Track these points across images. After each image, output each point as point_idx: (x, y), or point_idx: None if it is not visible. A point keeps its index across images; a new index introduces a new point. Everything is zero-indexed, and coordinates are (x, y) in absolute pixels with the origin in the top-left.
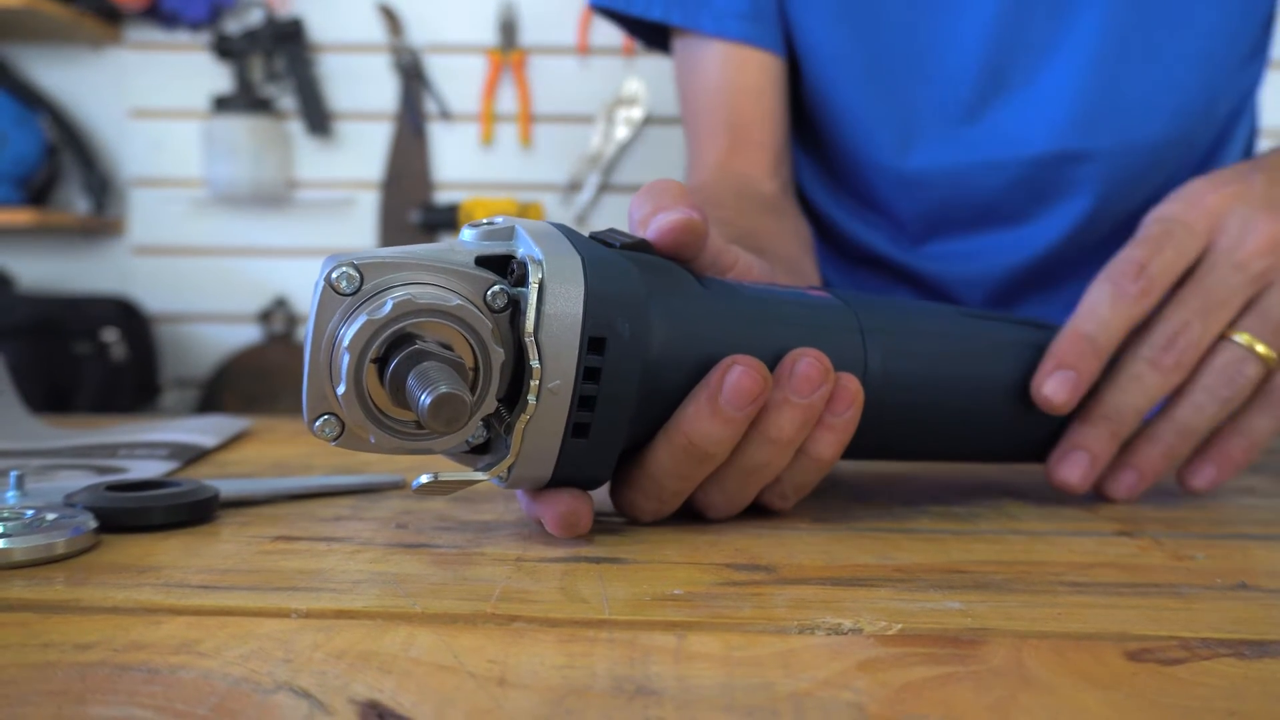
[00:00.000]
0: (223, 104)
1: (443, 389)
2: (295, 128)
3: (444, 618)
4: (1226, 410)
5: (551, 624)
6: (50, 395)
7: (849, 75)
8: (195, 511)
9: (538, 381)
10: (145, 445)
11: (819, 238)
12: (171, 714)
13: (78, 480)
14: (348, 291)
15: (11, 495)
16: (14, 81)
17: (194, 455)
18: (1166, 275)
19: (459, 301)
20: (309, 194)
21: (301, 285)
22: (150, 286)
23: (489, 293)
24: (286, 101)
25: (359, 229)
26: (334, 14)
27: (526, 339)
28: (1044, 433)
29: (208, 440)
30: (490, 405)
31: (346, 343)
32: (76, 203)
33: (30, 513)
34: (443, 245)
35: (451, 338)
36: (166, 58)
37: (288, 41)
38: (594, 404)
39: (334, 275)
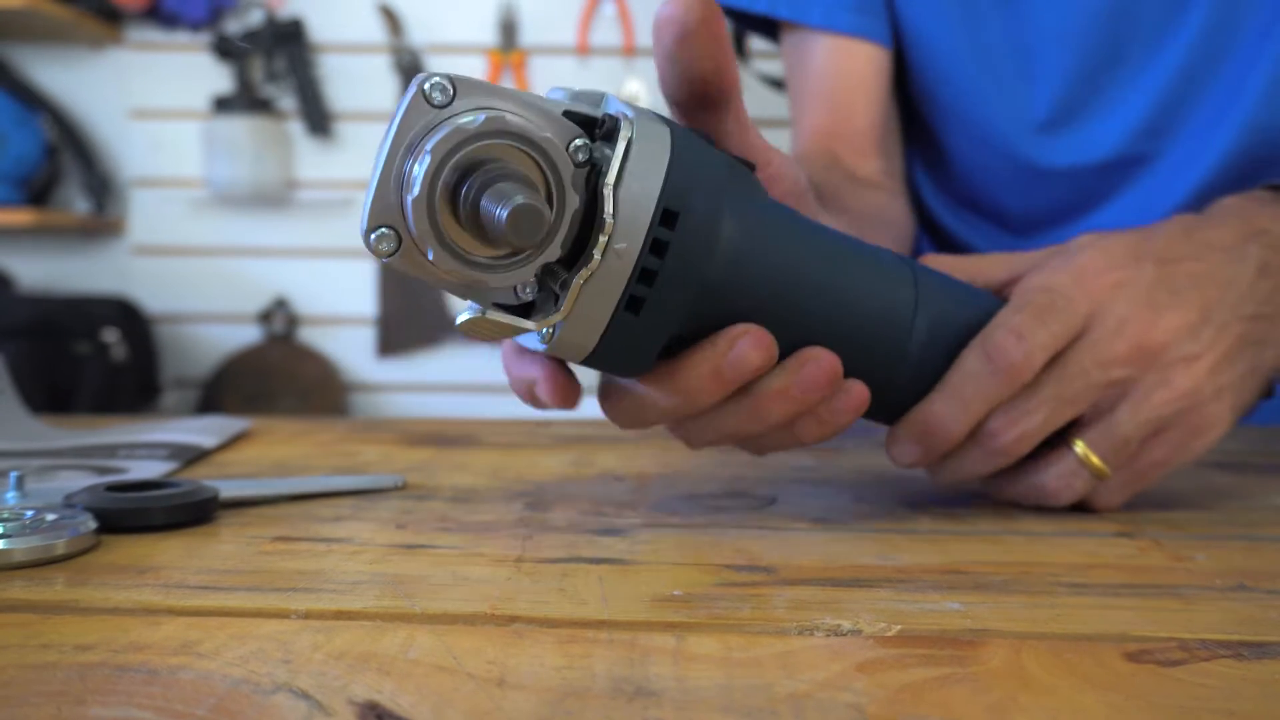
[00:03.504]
0: (223, 104)
1: (520, 199)
2: (295, 128)
3: (443, 619)
4: (1045, 504)
5: (551, 625)
6: (50, 395)
7: (960, 69)
8: (195, 512)
9: (607, 237)
10: (145, 446)
11: (924, 230)
12: (171, 715)
13: (78, 481)
14: (440, 103)
15: (12, 496)
16: (14, 82)
17: (194, 456)
18: (1043, 354)
19: (549, 134)
20: (309, 194)
21: (301, 285)
22: (150, 287)
23: (572, 145)
24: (286, 102)
25: (359, 229)
26: (334, 14)
27: (605, 189)
28: None
29: (208, 441)
30: (554, 253)
31: (430, 146)
32: (76, 203)
33: (30, 513)
34: (532, 94)
35: (529, 172)
36: (166, 58)
37: (288, 42)
38: (654, 280)
39: (428, 85)
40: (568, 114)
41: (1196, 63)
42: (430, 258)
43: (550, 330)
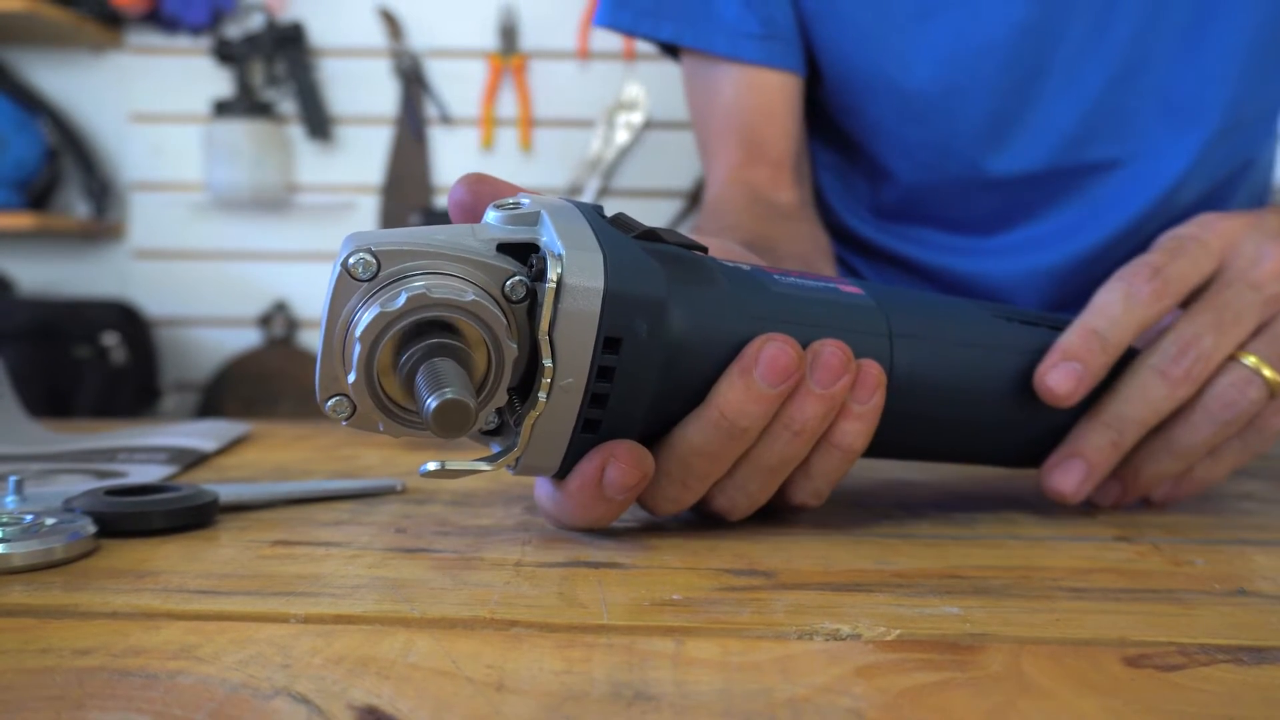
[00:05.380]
0: (223, 108)
1: (449, 395)
2: (295, 132)
3: (442, 623)
4: (1224, 435)
5: (550, 629)
6: (50, 399)
7: (886, 87)
8: (194, 516)
9: (549, 380)
10: (145, 449)
11: (841, 241)
12: (170, 719)
13: (77, 484)
14: (364, 277)
15: (11, 500)
16: (15, 85)
17: (193, 459)
18: (1180, 283)
19: (473, 297)
20: (309, 198)
21: (301, 289)
22: (150, 290)
23: (508, 284)
24: (287, 105)
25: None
26: (334, 18)
27: (540, 337)
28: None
29: (207, 444)
30: (501, 398)
31: (359, 333)
32: (77, 206)
33: (29, 517)
34: (465, 229)
35: (465, 330)
36: (167, 62)
37: (288, 46)
38: (606, 401)
39: (351, 260)
40: (503, 247)
41: (1129, 69)
42: (381, 429)
43: (513, 463)
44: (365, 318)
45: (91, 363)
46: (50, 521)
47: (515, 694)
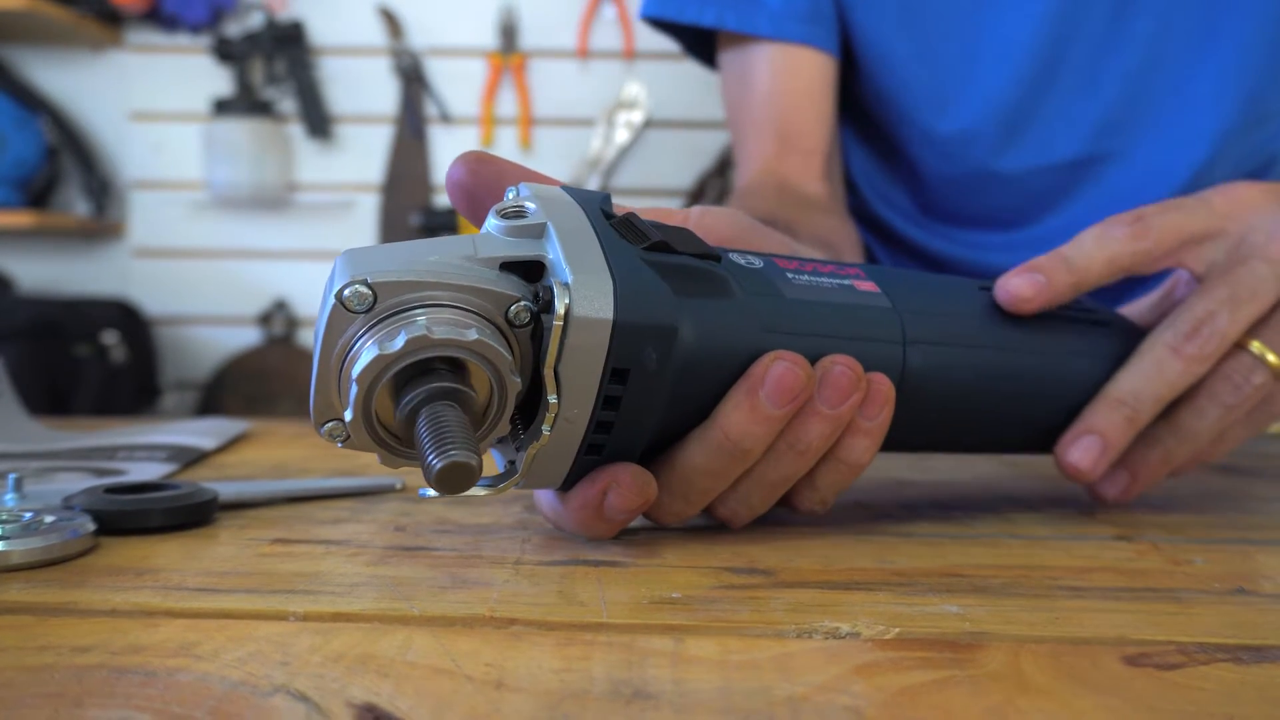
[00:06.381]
0: (223, 107)
1: (453, 456)
2: (295, 130)
3: (442, 621)
4: (1229, 418)
5: (549, 627)
6: (50, 397)
7: (912, 77)
8: (194, 514)
9: (554, 415)
10: (144, 447)
11: (876, 238)
12: (169, 717)
13: (76, 482)
14: (359, 310)
15: (10, 498)
16: (14, 84)
17: (193, 458)
18: (1167, 231)
19: (476, 335)
20: (309, 197)
21: (301, 288)
22: (150, 289)
23: (511, 309)
24: (287, 104)
25: (359, 232)
26: (334, 17)
27: (546, 372)
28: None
29: (207, 443)
30: (504, 429)
31: (355, 374)
32: (77, 205)
33: (29, 515)
34: (465, 243)
35: (467, 365)
36: (167, 60)
37: (288, 44)
38: (611, 428)
39: (346, 293)
40: (506, 265)
41: (1148, 62)
42: (379, 460)
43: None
44: (363, 358)
45: (91, 361)
46: (49, 519)
47: (514, 692)
